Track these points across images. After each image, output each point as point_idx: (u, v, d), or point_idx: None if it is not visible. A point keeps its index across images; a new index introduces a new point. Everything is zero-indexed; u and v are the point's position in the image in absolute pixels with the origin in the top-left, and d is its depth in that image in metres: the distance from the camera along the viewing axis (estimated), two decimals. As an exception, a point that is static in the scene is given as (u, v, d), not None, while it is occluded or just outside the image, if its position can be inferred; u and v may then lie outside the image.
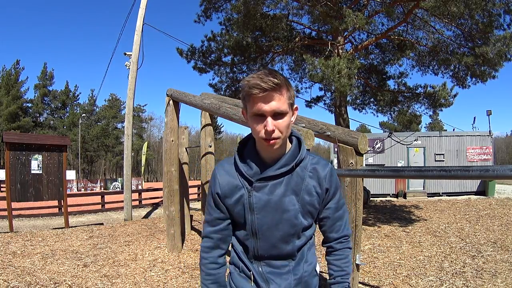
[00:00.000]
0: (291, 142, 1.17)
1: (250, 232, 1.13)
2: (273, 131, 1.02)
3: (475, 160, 14.02)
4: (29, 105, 45.53)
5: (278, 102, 1.02)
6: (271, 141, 1.04)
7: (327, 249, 1.26)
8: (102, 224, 8.77)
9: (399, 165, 13.90)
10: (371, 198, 12.54)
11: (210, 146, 6.03)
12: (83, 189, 26.68)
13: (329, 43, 8.12)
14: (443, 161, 14.01)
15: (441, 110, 9.51)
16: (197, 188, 15.24)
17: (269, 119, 1.02)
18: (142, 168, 26.76)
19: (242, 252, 1.18)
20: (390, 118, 11.95)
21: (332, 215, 1.19)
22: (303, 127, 3.17)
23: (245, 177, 1.11)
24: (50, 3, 68.47)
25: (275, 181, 1.10)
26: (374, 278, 4.11)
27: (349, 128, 7.85)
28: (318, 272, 1.24)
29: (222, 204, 1.16)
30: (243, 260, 1.17)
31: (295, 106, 1.11)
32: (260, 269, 1.15)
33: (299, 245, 1.15)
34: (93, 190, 26.57)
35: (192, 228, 7.30)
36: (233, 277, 1.20)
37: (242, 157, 1.16)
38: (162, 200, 9.17)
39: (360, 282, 3.67)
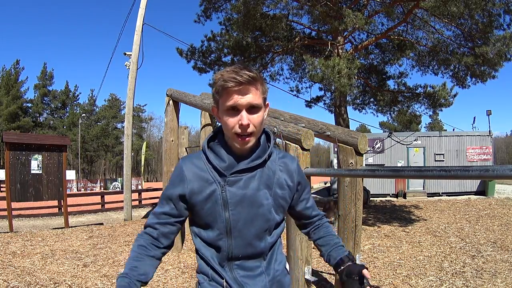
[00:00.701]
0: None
1: (224, 230, 1.05)
2: (248, 125, 0.99)
3: (475, 160, 14.02)
4: (29, 105, 45.53)
5: (254, 96, 1.00)
6: (246, 138, 1.01)
7: (312, 229, 1.28)
8: (102, 224, 8.77)
9: (399, 165, 13.91)
10: (371, 198, 12.54)
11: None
12: (83, 189, 26.69)
13: (329, 43, 8.12)
14: (443, 161, 14.01)
15: (441, 110, 9.52)
16: (197, 188, 15.22)
17: (244, 113, 0.99)
18: (142, 168, 26.76)
19: (212, 258, 1.08)
20: (390, 118, 11.96)
21: (311, 204, 1.25)
22: (303, 127, 3.17)
23: (218, 170, 1.05)
24: (50, 3, 68.52)
25: (249, 175, 1.06)
26: (374, 278, 4.11)
27: (349, 128, 7.85)
28: (288, 270, 1.23)
29: (180, 203, 1.08)
30: (213, 267, 1.08)
31: (266, 102, 1.08)
32: (233, 274, 1.07)
33: (270, 243, 1.11)
34: (93, 190, 26.57)
35: (192, 228, 7.29)
36: (202, 287, 1.10)
37: (211, 151, 1.09)
38: (162, 200, 9.14)
39: (360, 282, 3.67)
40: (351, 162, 2.99)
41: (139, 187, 23.86)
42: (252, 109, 1.01)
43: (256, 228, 1.07)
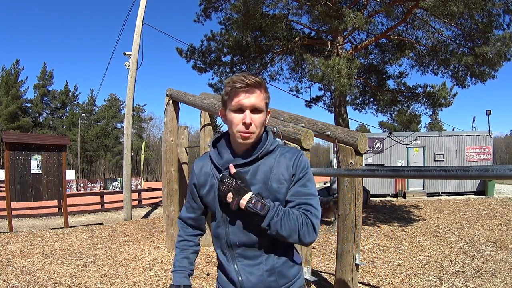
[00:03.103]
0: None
1: (221, 219, 1.20)
2: (250, 124, 1.12)
3: (474, 160, 14.02)
4: (29, 105, 45.48)
5: (257, 99, 1.14)
6: (247, 134, 1.13)
7: None
8: (101, 224, 8.77)
9: (399, 165, 13.91)
10: (370, 198, 12.54)
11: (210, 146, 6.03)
12: (82, 189, 26.67)
13: (329, 43, 8.12)
14: (443, 161, 14.02)
15: (441, 110, 9.52)
16: (196, 188, 15.22)
17: (248, 112, 1.13)
18: (142, 168, 26.76)
19: (217, 246, 1.25)
20: (389, 118, 11.94)
21: (294, 192, 1.16)
22: (303, 127, 3.17)
23: (217, 167, 1.21)
24: (50, 3, 68.44)
25: (242, 170, 1.17)
26: (374, 277, 4.11)
27: (349, 128, 7.85)
28: (297, 262, 1.24)
29: (197, 195, 1.29)
30: (218, 254, 1.25)
31: (268, 109, 1.22)
32: (234, 261, 1.20)
33: (268, 234, 1.14)
34: (92, 190, 26.55)
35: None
36: (218, 279, 1.28)
37: (216, 150, 1.26)
38: (161, 200, 9.16)
39: (359, 282, 3.67)
40: (351, 162, 2.99)
41: (139, 187, 23.85)
42: (255, 110, 1.14)
43: (247, 219, 1.15)
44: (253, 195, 1.11)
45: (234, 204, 1.11)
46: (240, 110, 1.13)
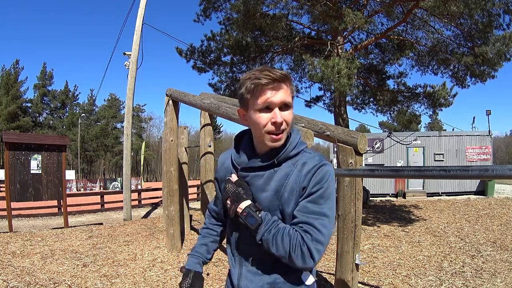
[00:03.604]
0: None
1: (230, 218, 1.15)
2: (281, 123, 1.00)
3: (474, 160, 14.03)
4: (29, 105, 45.46)
5: (286, 93, 1.02)
6: (279, 135, 1.02)
7: None
8: (101, 224, 8.77)
9: (399, 165, 13.91)
10: (370, 198, 12.54)
11: (210, 146, 6.03)
12: (82, 189, 26.66)
13: (329, 43, 8.12)
14: (443, 160, 14.02)
15: (441, 110, 9.54)
16: (196, 188, 15.24)
17: (277, 110, 1.00)
18: (141, 167, 26.76)
19: (228, 244, 1.22)
20: (389, 118, 11.97)
21: (299, 209, 1.01)
22: (303, 126, 3.17)
23: (234, 164, 1.15)
24: (49, 3, 68.44)
25: (256, 173, 1.08)
26: (374, 277, 4.11)
27: (349, 128, 7.85)
28: (307, 283, 1.10)
29: (218, 189, 1.27)
30: (229, 261, 1.22)
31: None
32: (240, 265, 1.13)
33: None
34: (92, 190, 26.55)
35: (192, 228, 7.29)
36: (227, 279, 1.26)
37: (238, 148, 1.18)
38: (161, 200, 9.16)
39: (359, 282, 3.67)
40: (351, 162, 2.99)
41: (139, 187, 23.86)
42: (284, 107, 1.02)
43: (249, 228, 1.06)
44: (247, 206, 1.02)
45: (231, 211, 1.06)
46: (268, 108, 1.01)
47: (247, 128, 1.17)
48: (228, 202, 1.07)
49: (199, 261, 1.29)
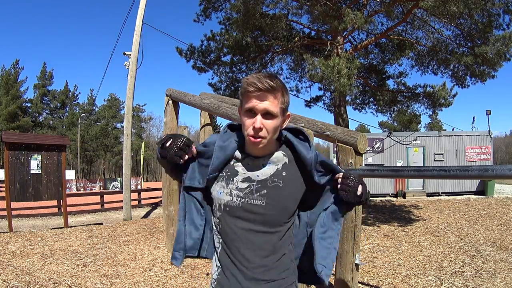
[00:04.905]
0: (280, 144, 1.19)
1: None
2: (260, 128, 1.05)
3: (474, 160, 14.03)
4: (29, 104, 45.41)
5: (270, 104, 1.06)
6: (257, 139, 1.07)
7: None
8: (101, 224, 8.77)
9: (399, 164, 13.91)
10: (370, 198, 12.54)
11: (210, 146, 6.02)
12: (82, 189, 26.65)
13: (329, 42, 8.12)
14: (443, 160, 14.02)
15: (441, 110, 9.54)
16: (196, 187, 15.22)
17: (259, 117, 1.06)
18: (141, 167, 26.75)
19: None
20: (389, 118, 11.97)
21: None
22: (302, 126, 3.17)
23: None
24: (49, 3, 68.40)
25: None
26: (374, 277, 4.11)
27: (349, 128, 7.84)
28: None
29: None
30: None
31: (287, 113, 1.15)
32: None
33: None
34: (92, 190, 26.54)
35: (192, 228, 7.28)
36: None
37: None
38: (161, 200, 9.16)
39: (359, 282, 3.67)
40: (351, 162, 2.99)
41: (139, 187, 23.84)
42: (268, 115, 1.07)
43: None
44: None
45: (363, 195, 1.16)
46: (252, 112, 1.07)
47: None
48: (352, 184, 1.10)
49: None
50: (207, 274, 4.21)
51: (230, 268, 1.10)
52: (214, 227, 1.18)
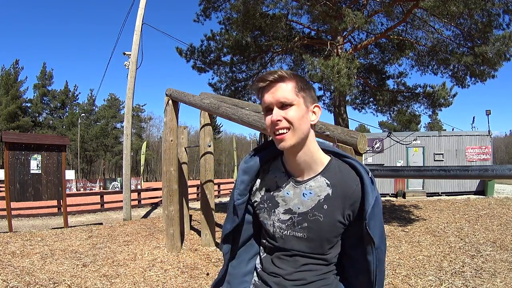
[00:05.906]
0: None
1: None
2: (278, 120, 0.97)
3: (474, 160, 14.02)
4: (28, 104, 45.45)
5: (283, 92, 0.98)
6: (281, 135, 0.98)
7: None
8: (101, 224, 8.76)
9: (398, 164, 13.91)
10: (370, 198, 12.51)
11: (209, 146, 6.02)
12: (82, 189, 26.65)
13: (329, 42, 8.13)
14: (442, 160, 14.02)
15: (441, 110, 9.55)
16: (196, 188, 15.22)
17: (275, 109, 0.99)
18: (142, 168, 26.75)
19: None
20: (389, 118, 11.97)
21: None
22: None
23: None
24: (49, 3, 68.41)
25: None
26: (374, 277, 4.10)
27: (348, 128, 7.85)
28: None
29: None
30: None
31: (314, 104, 1.04)
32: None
33: None
34: (92, 190, 26.54)
35: (192, 228, 7.29)
36: None
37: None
38: (161, 200, 9.16)
39: (359, 282, 3.67)
40: (351, 162, 2.99)
41: (139, 187, 23.84)
42: (284, 106, 0.98)
43: None
44: None
45: None
46: (269, 110, 1.01)
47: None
48: None
49: None
50: (207, 274, 4.22)
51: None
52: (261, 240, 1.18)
